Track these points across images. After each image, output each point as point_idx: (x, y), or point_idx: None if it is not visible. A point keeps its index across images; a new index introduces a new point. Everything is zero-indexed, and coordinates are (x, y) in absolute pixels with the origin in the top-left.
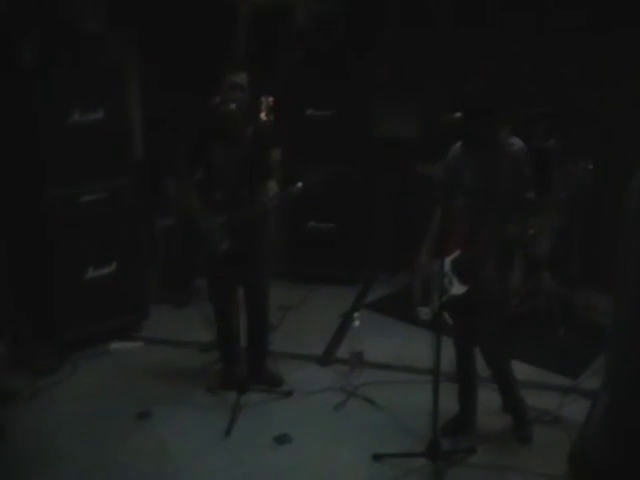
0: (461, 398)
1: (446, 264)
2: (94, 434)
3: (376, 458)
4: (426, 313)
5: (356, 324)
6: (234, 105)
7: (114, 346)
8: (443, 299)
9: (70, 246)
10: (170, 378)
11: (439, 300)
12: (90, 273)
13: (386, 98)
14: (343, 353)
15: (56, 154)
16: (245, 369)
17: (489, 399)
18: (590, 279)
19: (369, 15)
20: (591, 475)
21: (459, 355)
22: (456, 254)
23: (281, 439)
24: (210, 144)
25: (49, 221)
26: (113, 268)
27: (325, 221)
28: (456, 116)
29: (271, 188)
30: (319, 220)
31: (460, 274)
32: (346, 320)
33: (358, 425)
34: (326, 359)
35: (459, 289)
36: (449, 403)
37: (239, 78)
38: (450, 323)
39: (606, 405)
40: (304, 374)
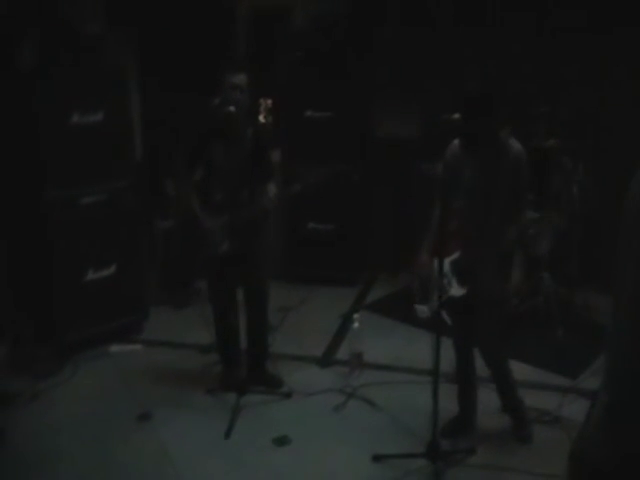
0: (461, 399)
1: (445, 264)
2: (94, 436)
3: (376, 459)
4: (423, 311)
5: (356, 325)
6: (233, 107)
7: (114, 348)
8: (442, 298)
9: (70, 248)
10: (170, 380)
11: (438, 300)
12: (90, 275)
13: (386, 98)
14: (343, 354)
15: (56, 155)
16: (245, 370)
17: (489, 399)
18: (589, 279)
19: (369, 15)
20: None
21: (458, 356)
22: (456, 255)
23: (281, 440)
24: (210, 145)
25: (49, 223)
26: (113, 270)
27: (324, 222)
28: (456, 117)
29: (270, 189)
30: (318, 221)
31: (459, 276)
32: (346, 321)
33: (358, 426)
34: (326, 360)
35: (458, 291)
36: (449, 404)
37: (238, 79)
38: (449, 323)
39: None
40: (304, 375)
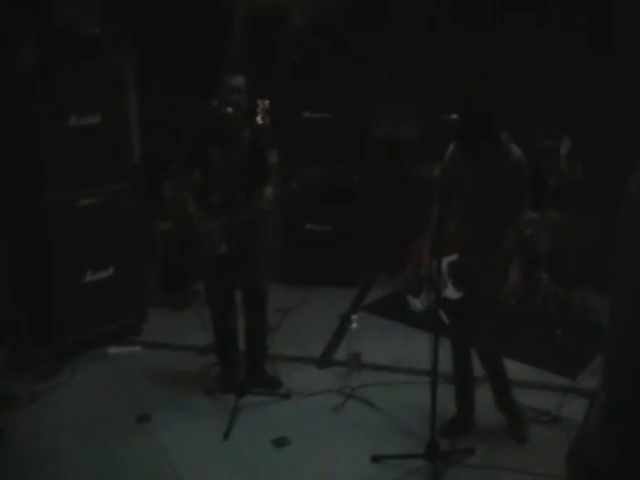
0: (459, 399)
1: (443, 264)
2: (93, 438)
3: (375, 459)
4: (415, 305)
5: (354, 326)
6: (231, 108)
7: (113, 350)
8: (436, 297)
9: (68, 250)
10: (169, 381)
11: (432, 298)
12: (88, 277)
13: (385, 98)
14: (341, 355)
15: (54, 157)
16: (243, 372)
17: (487, 399)
18: (588, 279)
19: (368, 15)
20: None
21: (456, 356)
22: (454, 257)
23: (280, 441)
24: (208, 147)
25: (48, 224)
26: (111, 271)
27: (323, 223)
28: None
29: (268, 191)
30: (317, 222)
31: (456, 278)
32: (344, 322)
33: (357, 427)
34: (324, 361)
35: (453, 294)
36: (447, 404)
37: (236, 81)
38: (447, 323)
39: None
40: (303, 376)
